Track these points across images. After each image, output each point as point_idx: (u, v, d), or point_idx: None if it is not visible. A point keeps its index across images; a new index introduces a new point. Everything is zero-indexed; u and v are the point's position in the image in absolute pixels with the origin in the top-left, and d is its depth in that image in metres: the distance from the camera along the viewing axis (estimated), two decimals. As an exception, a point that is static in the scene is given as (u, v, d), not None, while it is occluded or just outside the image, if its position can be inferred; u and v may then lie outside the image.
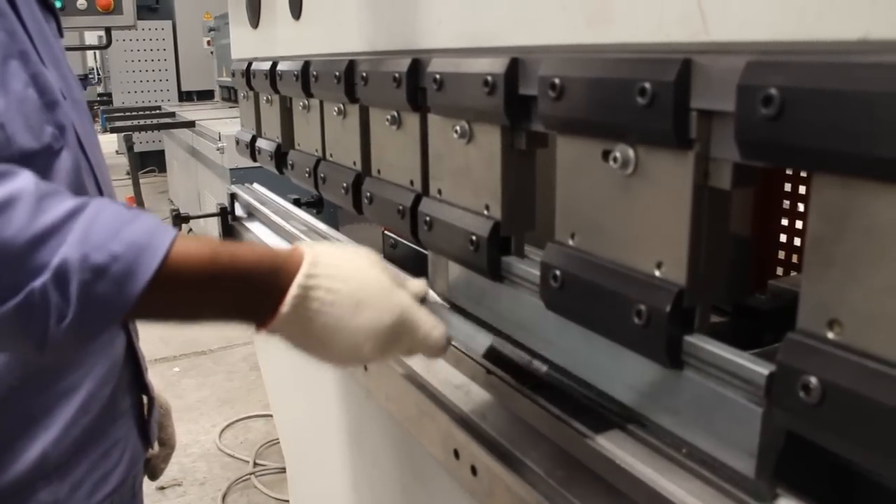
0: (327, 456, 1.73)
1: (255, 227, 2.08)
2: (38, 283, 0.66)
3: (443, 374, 1.05)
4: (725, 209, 0.66)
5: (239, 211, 2.28)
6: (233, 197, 2.30)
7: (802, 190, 1.14)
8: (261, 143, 1.78)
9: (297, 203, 2.24)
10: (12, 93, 0.79)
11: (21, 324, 0.67)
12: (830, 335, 0.54)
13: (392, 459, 1.39)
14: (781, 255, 1.19)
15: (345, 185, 1.29)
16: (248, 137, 1.84)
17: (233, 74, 1.84)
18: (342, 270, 0.78)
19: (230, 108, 6.17)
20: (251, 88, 1.74)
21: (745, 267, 1.12)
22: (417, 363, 1.09)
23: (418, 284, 0.90)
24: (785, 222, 1.18)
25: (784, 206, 1.19)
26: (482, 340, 0.74)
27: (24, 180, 0.69)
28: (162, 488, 3.14)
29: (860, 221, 0.51)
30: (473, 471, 0.89)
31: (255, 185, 2.40)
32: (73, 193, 0.74)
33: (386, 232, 1.68)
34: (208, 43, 6.74)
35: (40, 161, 0.82)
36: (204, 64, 7.06)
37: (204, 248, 0.73)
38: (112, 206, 0.72)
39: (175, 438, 1.35)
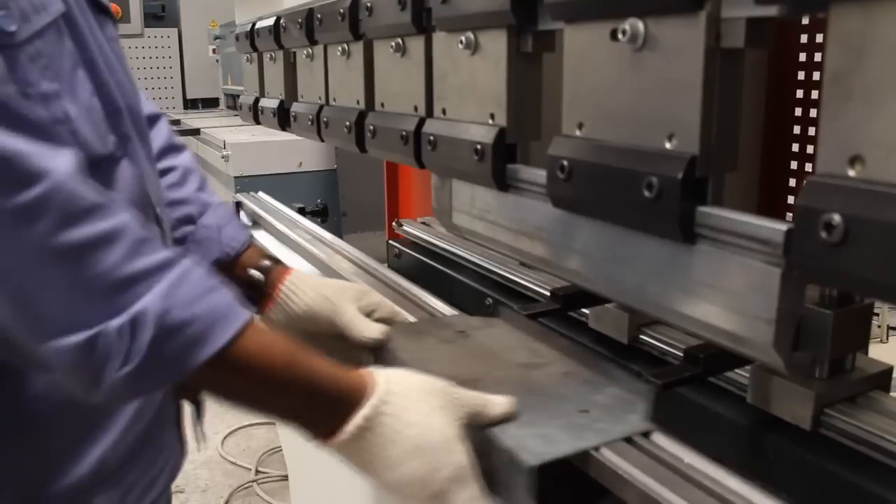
0: (329, 464, 1.69)
1: (260, 236, 2.07)
2: (114, 323, 0.66)
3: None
4: (738, 73, 0.64)
5: (244, 219, 2.27)
6: (238, 205, 2.31)
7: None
8: (263, 102, 1.76)
9: (301, 212, 2.26)
10: (81, 101, 0.79)
11: (83, 358, 0.66)
12: (852, 173, 0.52)
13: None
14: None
15: (347, 123, 1.26)
16: (251, 100, 1.83)
17: (236, 38, 1.83)
18: (409, 411, 0.78)
19: (235, 115, 6.17)
20: (255, 49, 1.73)
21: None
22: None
23: (501, 406, 0.82)
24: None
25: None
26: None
27: (127, 217, 0.69)
28: (164, 495, 3.10)
29: (882, 46, 0.49)
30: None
31: (261, 194, 2.41)
32: (131, 204, 0.77)
33: (390, 241, 1.67)
34: (213, 51, 6.75)
35: (104, 169, 0.81)
36: (209, 72, 7.05)
37: (279, 345, 0.75)
38: (200, 269, 0.73)
39: None
